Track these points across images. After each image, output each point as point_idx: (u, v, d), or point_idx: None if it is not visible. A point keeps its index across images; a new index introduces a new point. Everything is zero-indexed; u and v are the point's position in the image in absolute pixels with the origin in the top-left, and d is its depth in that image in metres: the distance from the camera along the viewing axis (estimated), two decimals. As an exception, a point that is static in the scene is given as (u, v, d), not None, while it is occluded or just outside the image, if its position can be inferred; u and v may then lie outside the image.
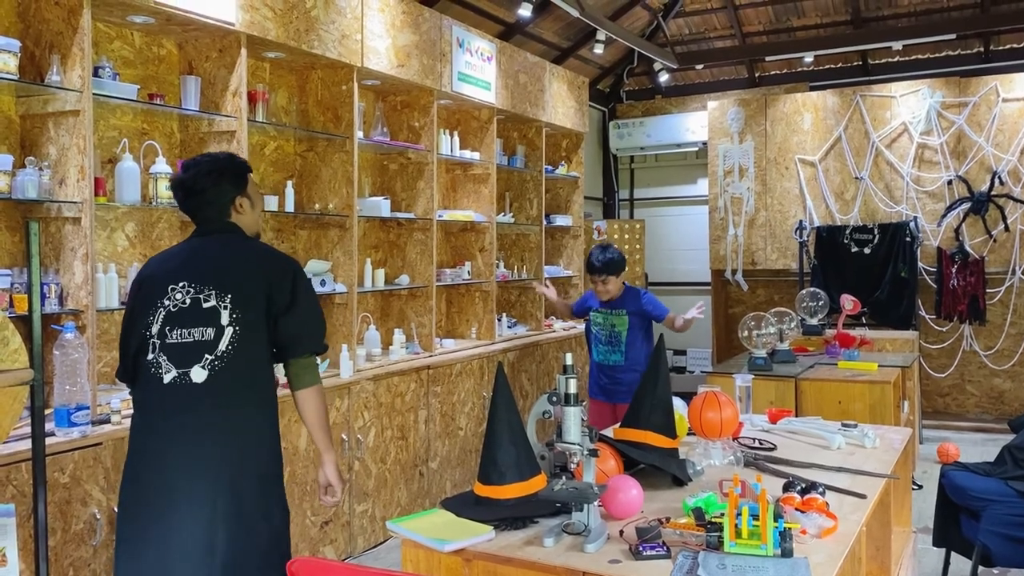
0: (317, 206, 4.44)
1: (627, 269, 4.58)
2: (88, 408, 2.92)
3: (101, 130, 3.55)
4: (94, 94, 3.16)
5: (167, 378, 2.24)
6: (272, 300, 2.33)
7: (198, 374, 2.22)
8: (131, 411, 2.34)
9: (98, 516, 2.91)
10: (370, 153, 5.08)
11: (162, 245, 3.80)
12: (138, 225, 3.72)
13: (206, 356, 2.23)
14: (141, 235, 3.73)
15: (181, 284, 2.31)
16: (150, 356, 2.27)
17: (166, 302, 2.29)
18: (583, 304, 4.70)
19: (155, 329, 2.28)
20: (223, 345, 2.24)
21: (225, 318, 2.26)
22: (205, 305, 2.28)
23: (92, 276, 3.14)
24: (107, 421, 3.03)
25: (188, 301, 2.29)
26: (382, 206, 4.81)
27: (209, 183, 2.41)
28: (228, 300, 2.28)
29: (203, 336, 2.25)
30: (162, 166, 3.50)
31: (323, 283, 4.29)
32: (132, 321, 2.35)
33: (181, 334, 2.26)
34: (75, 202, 3.12)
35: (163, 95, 3.64)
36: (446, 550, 1.87)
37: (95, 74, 3.23)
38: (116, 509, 2.39)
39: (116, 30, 3.62)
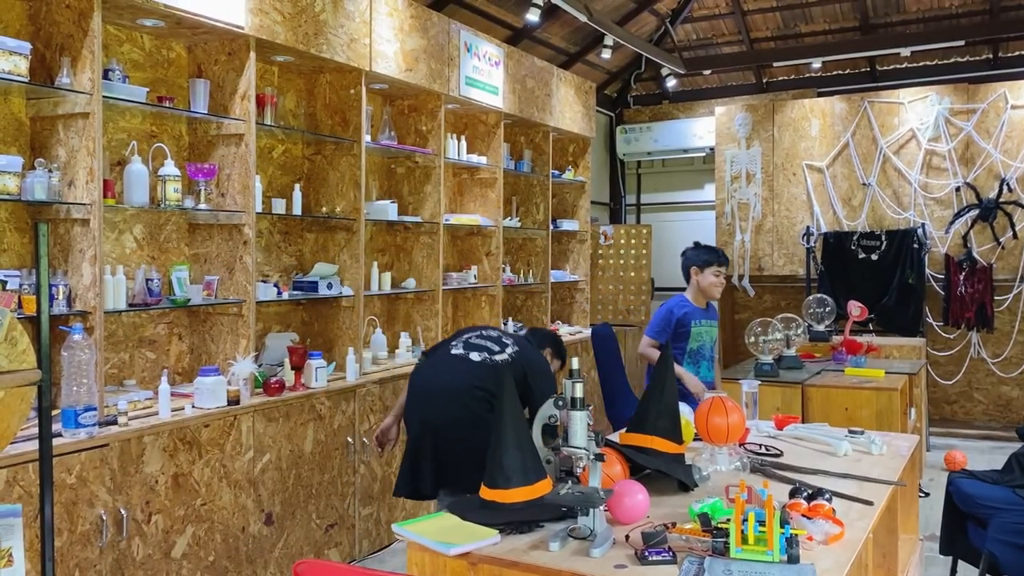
0: (324, 209, 4.45)
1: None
2: (95, 409, 2.92)
3: (110, 132, 3.56)
4: (104, 96, 3.17)
5: (454, 351, 3.17)
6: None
7: (475, 356, 3.13)
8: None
9: (104, 517, 2.92)
10: (377, 157, 5.09)
11: (170, 248, 3.81)
12: (146, 227, 3.73)
13: (486, 354, 3.12)
14: (149, 237, 3.74)
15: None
16: (452, 342, 3.24)
17: (472, 338, 3.22)
18: (676, 322, 3.94)
19: (460, 342, 3.21)
20: (499, 357, 3.10)
21: (510, 351, 3.15)
22: (496, 342, 3.22)
23: (100, 278, 3.15)
24: (114, 422, 3.03)
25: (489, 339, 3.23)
26: (389, 210, 4.81)
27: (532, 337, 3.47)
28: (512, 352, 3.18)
29: (491, 344, 3.17)
30: (170, 168, 3.51)
31: (330, 286, 4.29)
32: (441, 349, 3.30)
33: (480, 343, 3.17)
34: (84, 204, 3.13)
35: (172, 98, 3.65)
36: (452, 553, 1.87)
37: (105, 77, 3.24)
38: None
39: (126, 33, 3.63)
